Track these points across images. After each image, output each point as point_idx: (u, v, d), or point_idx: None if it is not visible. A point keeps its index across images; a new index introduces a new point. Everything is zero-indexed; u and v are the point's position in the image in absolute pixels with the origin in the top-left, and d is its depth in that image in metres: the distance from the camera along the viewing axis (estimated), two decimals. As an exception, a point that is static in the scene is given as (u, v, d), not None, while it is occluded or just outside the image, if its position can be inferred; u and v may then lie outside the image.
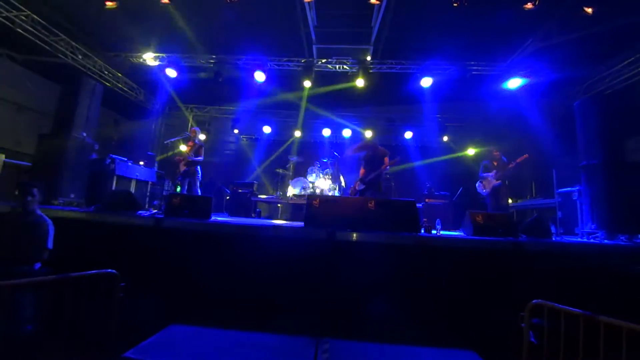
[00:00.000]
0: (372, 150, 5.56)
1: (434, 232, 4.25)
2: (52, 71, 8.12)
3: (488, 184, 6.01)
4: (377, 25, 6.64)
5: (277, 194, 8.97)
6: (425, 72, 7.58)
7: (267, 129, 11.04)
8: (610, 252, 3.68)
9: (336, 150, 9.46)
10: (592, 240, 4.92)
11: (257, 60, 7.68)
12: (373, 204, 4.08)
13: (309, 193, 8.18)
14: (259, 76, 7.72)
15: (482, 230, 4.06)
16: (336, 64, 7.80)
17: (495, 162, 6.07)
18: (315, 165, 8.78)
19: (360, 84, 7.69)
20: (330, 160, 8.92)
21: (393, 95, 9.52)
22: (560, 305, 2.22)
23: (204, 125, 11.05)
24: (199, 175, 6.44)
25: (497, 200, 5.93)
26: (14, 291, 2.24)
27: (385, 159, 5.35)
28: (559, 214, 6.45)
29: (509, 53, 7.23)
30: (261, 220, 6.28)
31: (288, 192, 8.60)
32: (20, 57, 7.66)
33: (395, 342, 2.81)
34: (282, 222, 6.21)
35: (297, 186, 8.57)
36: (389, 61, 7.74)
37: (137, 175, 7.14)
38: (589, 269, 3.39)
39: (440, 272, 3.50)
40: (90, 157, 6.43)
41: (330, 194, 8.26)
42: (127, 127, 10.30)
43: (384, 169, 5.35)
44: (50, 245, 3.18)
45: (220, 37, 7.24)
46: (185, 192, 6.30)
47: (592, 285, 3.22)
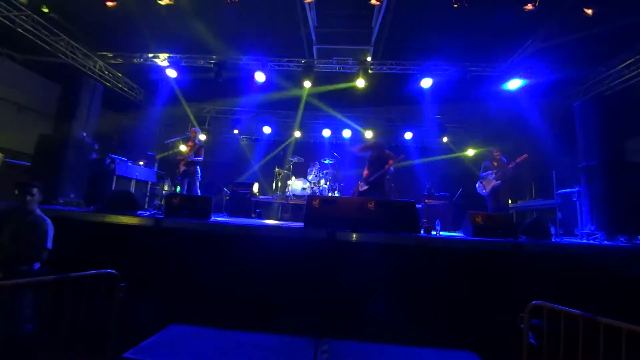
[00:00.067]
0: (377, 151, 5.51)
1: (433, 233, 4.25)
2: (52, 71, 8.11)
3: (488, 184, 6.01)
4: (378, 25, 6.64)
5: (277, 194, 8.97)
6: (425, 72, 7.59)
7: (267, 129, 11.03)
8: (609, 253, 3.69)
9: (336, 151, 9.46)
10: (591, 242, 4.93)
11: (258, 60, 7.69)
12: (373, 204, 4.08)
13: (309, 193, 8.18)
14: (259, 77, 7.72)
15: (482, 231, 4.06)
16: (336, 64, 7.80)
17: (495, 162, 6.07)
18: (315, 166, 8.79)
19: (361, 85, 7.69)
20: (330, 161, 8.93)
21: (393, 96, 9.51)
22: (560, 306, 2.22)
23: (204, 126, 11.06)
24: (199, 176, 6.44)
25: (497, 201, 5.92)
26: (14, 291, 2.25)
27: (389, 161, 5.31)
28: (558, 215, 6.45)
29: (509, 54, 7.23)
30: (261, 221, 6.28)
31: (293, 185, 8.55)
32: (20, 57, 7.65)
33: (395, 343, 2.81)
34: (281, 222, 6.21)
35: (298, 185, 8.57)
36: (389, 62, 7.74)
37: (137, 175, 7.14)
38: (588, 270, 3.39)
39: (440, 272, 3.50)
40: (90, 157, 6.44)
41: (330, 194, 8.27)
42: (127, 127, 10.29)
43: (387, 169, 5.29)
44: (49, 245, 3.18)
45: (221, 37, 7.23)
46: (185, 192, 6.30)
47: (592, 286, 3.23)
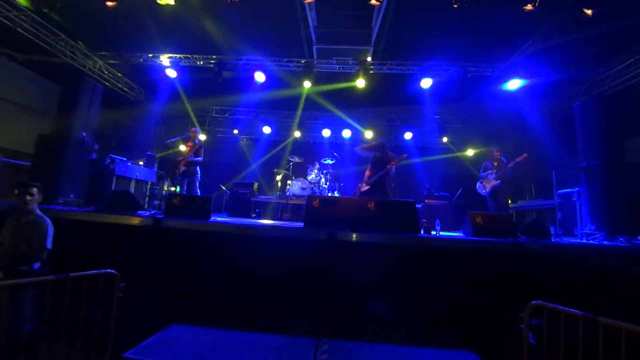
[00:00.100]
0: (380, 151, 5.49)
1: (433, 233, 4.25)
2: (52, 71, 8.12)
3: (488, 184, 6.02)
4: (377, 25, 6.64)
5: (276, 194, 8.97)
6: (425, 72, 7.59)
7: (267, 129, 11.04)
8: (609, 253, 3.69)
9: (336, 151, 9.46)
10: (591, 242, 4.92)
11: (258, 60, 7.70)
12: (373, 204, 4.09)
13: (309, 193, 8.18)
14: (259, 77, 7.73)
15: (482, 231, 4.06)
16: (336, 64, 7.80)
17: (495, 162, 6.07)
18: (314, 166, 8.78)
19: (361, 85, 7.70)
20: (330, 161, 8.92)
21: (393, 96, 9.52)
22: (559, 307, 2.22)
23: (204, 126, 11.07)
24: (198, 176, 6.44)
25: (497, 201, 5.92)
26: (14, 291, 2.25)
27: (392, 162, 5.30)
28: (558, 215, 6.45)
29: (509, 54, 7.24)
30: (261, 221, 6.28)
31: (293, 185, 8.55)
32: (20, 56, 7.65)
33: (395, 343, 2.81)
34: (281, 222, 6.21)
35: (298, 185, 8.57)
36: (389, 62, 7.74)
37: (136, 175, 7.13)
38: (588, 270, 3.39)
39: (440, 272, 3.50)
40: (90, 157, 6.44)
41: (329, 194, 8.27)
42: (127, 127, 10.30)
43: (389, 169, 5.27)
44: (49, 245, 3.18)
45: (221, 37, 7.24)
46: (185, 192, 6.29)
47: (592, 287, 3.23)
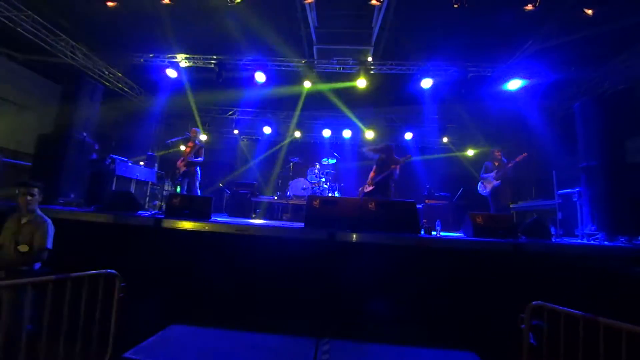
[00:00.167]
0: (386, 154, 5.57)
1: (433, 233, 4.25)
2: (52, 71, 8.12)
3: (489, 185, 6.02)
4: (378, 26, 6.64)
5: (277, 194, 8.97)
6: (425, 73, 7.59)
7: (267, 130, 11.04)
8: (610, 253, 3.69)
9: (336, 151, 9.46)
10: (592, 242, 4.92)
11: (258, 61, 7.69)
12: (373, 204, 4.09)
13: (309, 193, 8.18)
14: (260, 77, 7.73)
15: (482, 231, 4.06)
16: (337, 64, 7.80)
17: (496, 162, 6.08)
18: (315, 166, 8.79)
19: (361, 85, 7.70)
20: (331, 161, 8.93)
21: (393, 96, 9.53)
22: (560, 307, 2.22)
23: (205, 126, 11.07)
24: (198, 176, 6.44)
25: (498, 201, 5.93)
26: (14, 291, 2.25)
27: (395, 165, 5.34)
28: (559, 215, 6.44)
29: (510, 54, 7.24)
30: (261, 221, 6.28)
31: (293, 185, 8.55)
32: (20, 56, 7.66)
33: (395, 343, 2.81)
34: (282, 222, 6.21)
35: (298, 185, 8.57)
36: (389, 62, 7.74)
37: (137, 176, 7.13)
38: (588, 271, 3.39)
39: (440, 273, 3.50)
40: (90, 157, 6.44)
41: (330, 194, 8.27)
42: (127, 127, 10.30)
43: (393, 169, 5.31)
44: (49, 245, 3.18)
45: (221, 37, 7.24)
46: (185, 192, 6.30)
47: (592, 287, 3.23)
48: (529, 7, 5.16)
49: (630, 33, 5.98)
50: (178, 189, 6.39)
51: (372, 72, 7.77)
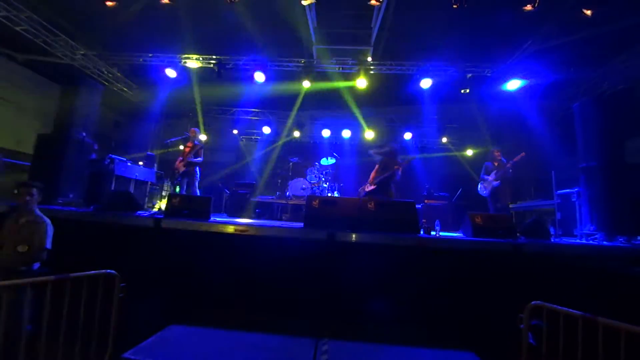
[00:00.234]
0: (391, 155, 5.60)
1: (433, 233, 4.26)
2: (52, 71, 8.12)
3: (489, 185, 6.03)
4: (377, 26, 6.64)
5: (276, 194, 8.97)
6: (424, 73, 7.59)
7: (266, 130, 11.05)
8: (609, 253, 3.70)
9: (336, 151, 9.46)
10: (591, 242, 4.93)
11: (257, 61, 7.69)
12: (373, 204, 4.09)
13: (309, 194, 8.18)
14: (259, 77, 7.73)
15: (481, 231, 4.06)
16: (336, 64, 7.81)
17: (496, 162, 6.09)
18: (314, 166, 8.79)
19: (361, 85, 7.70)
20: (330, 161, 8.93)
21: (393, 96, 9.53)
22: (559, 307, 2.22)
23: (204, 126, 11.06)
24: (197, 176, 6.43)
25: (497, 201, 5.94)
26: (14, 291, 2.25)
27: (397, 166, 5.36)
28: (558, 215, 6.45)
29: (509, 54, 7.24)
30: (260, 221, 6.28)
31: (293, 185, 8.55)
32: (20, 57, 7.65)
33: (394, 343, 2.81)
34: (281, 222, 6.21)
35: (297, 187, 8.57)
36: (389, 62, 7.74)
37: (136, 176, 7.13)
38: (588, 271, 3.39)
39: (439, 273, 3.50)
40: (89, 157, 6.44)
41: (329, 194, 8.27)
42: (127, 127, 10.30)
43: (396, 169, 5.32)
44: (49, 245, 3.17)
45: (220, 37, 7.24)
46: (184, 192, 6.29)
47: (591, 287, 3.23)
48: (528, 7, 5.16)
49: (630, 33, 5.99)
50: (177, 189, 6.38)
51: (371, 72, 7.78)
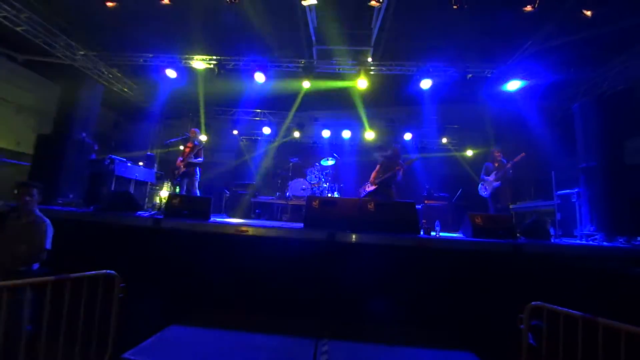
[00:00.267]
0: (393, 156, 5.68)
1: (433, 234, 4.25)
2: (52, 71, 8.11)
3: (489, 186, 6.04)
4: (377, 26, 6.65)
5: (276, 194, 8.97)
6: (424, 73, 7.59)
7: (266, 130, 11.05)
8: (609, 254, 3.70)
9: (336, 151, 9.46)
10: (590, 242, 4.93)
11: (257, 61, 7.69)
12: (373, 205, 4.09)
13: (309, 194, 8.18)
14: (259, 77, 7.73)
15: (481, 231, 4.06)
16: (336, 65, 7.81)
17: (496, 163, 6.09)
18: (314, 166, 8.79)
19: (362, 85, 7.71)
20: (330, 162, 8.93)
21: (393, 97, 9.53)
22: (559, 308, 2.22)
23: (204, 126, 11.06)
24: (197, 177, 6.44)
25: (498, 202, 5.94)
26: (14, 292, 2.24)
27: (399, 167, 5.41)
28: (558, 216, 6.45)
29: (509, 55, 7.24)
30: (260, 221, 6.28)
31: (293, 186, 8.55)
32: (20, 57, 7.64)
33: (394, 344, 2.81)
34: (281, 223, 6.21)
35: (297, 187, 8.57)
36: (389, 63, 7.74)
37: (136, 176, 7.13)
38: (587, 271, 3.39)
39: (439, 273, 3.50)
40: (89, 158, 6.44)
41: (329, 195, 8.27)
42: (127, 128, 10.30)
43: (397, 170, 5.34)
44: (48, 245, 3.17)
45: (221, 38, 7.24)
46: (184, 193, 6.29)
47: (591, 288, 3.23)
48: (528, 8, 5.16)
49: (630, 34, 5.98)
50: (177, 189, 6.39)
51: (371, 72, 7.78)
